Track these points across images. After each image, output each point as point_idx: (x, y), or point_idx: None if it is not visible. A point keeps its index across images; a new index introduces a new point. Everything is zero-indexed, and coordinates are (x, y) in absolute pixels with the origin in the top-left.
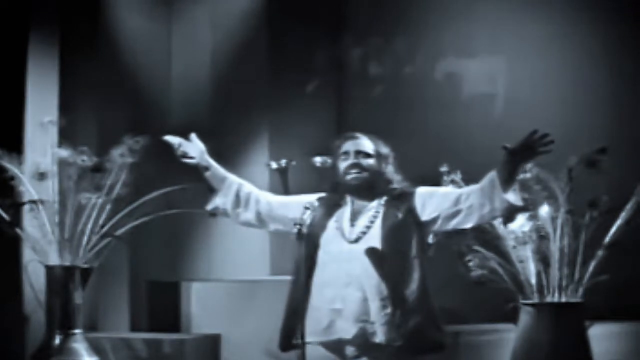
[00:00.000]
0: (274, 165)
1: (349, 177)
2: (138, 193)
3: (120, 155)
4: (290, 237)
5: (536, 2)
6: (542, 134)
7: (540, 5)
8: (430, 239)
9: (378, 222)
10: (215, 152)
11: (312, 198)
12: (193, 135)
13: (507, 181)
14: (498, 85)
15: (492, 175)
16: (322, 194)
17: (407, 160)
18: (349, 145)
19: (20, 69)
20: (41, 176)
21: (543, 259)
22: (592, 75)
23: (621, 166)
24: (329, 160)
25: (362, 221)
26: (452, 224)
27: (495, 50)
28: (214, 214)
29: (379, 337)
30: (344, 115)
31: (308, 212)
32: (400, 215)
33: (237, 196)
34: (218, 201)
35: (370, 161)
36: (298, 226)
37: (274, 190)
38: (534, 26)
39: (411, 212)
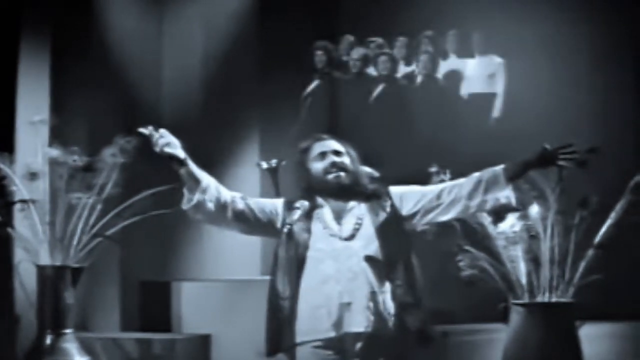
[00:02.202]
0: (264, 165)
1: (330, 176)
2: (129, 193)
3: (112, 155)
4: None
5: (535, 3)
6: (572, 149)
7: (539, 5)
8: None
9: (367, 219)
10: (207, 152)
11: (280, 201)
12: (163, 131)
13: (513, 179)
14: (496, 85)
15: (497, 170)
16: (286, 198)
17: (404, 160)
18: (321, 147)
19: (11, 68)
20: (32, 176)
21: (533, 259)
22: (583, 75)
23: (611, 166)
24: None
25: (350, 219)
26: (429, 218)
27: (494, 51)
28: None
29: (388, 330)
30: (336, 115)
31: (298, 212)
32: (386, 211)
33: (217, 193)
34: (199, 197)
35: (347, 160)
36: (288, 226)
37: (265, 189)
38: (533, 26)
39: (393, 208)
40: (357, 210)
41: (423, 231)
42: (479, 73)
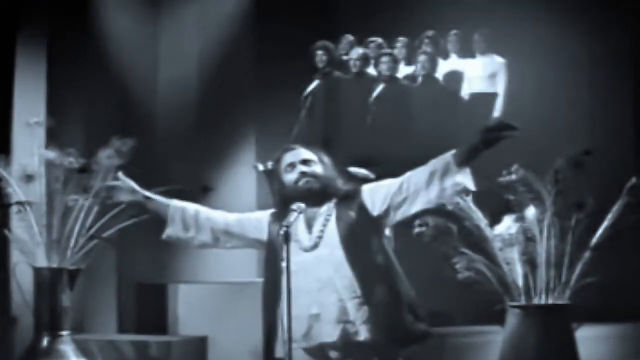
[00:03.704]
0: (260, 167)
1: (300, 183)
2: None
3: (108, 157)
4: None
5: (536, 3)
6: (510, 126)
7: (540, 6)
8: (388, 232)
9: (331, 224)
10: (203, 154)
11: (265, 215)
12: (120, 175)
13: (464, 163)
14: (497, 85)
15: (447, 157)
16: (274, 210)
17: (404, 160)
18: (291, 157)
19: (8, 70)
20: (29, 178)
21: (530, 261)
22: (583, 76)
23: (608, 168)
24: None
25: (317, 227)
26: (401, 212)
27: (495, 50)
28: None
29: (362, 336)
30: (336, 115)
31: (295, 214)
32: (353, 214)
33: (183, 221)
34: (169, 231)
35: (316, 167)
36: (285, 228)
37: (261, 191)
38: (534, 27)
39: (362, 209)
40: (325, 216)
41: (420, 233)
42: (480, 73)
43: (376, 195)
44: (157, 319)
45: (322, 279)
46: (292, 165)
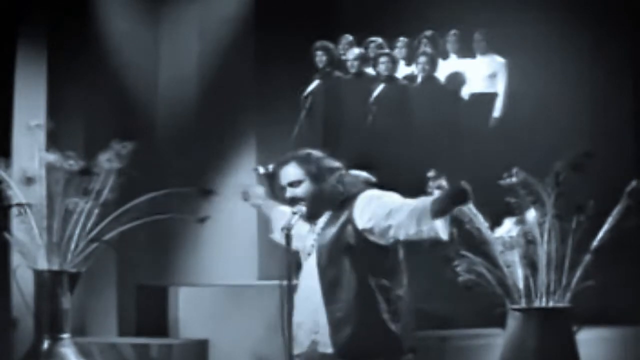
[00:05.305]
0: (261, 170)
1: (294, 210)
2: (125, 198)
3: (108, 160)
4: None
5: (536, 3)
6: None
7: (540, 5)
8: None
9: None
10: (203, 157)
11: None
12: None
13: (438, 214)
14: (497, 85)
15: (426, 202)
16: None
17: (404, 161)
18: (280, 179)
19: (8, 72)
20: (29, 181)
21: (530, 264)
22: (584, 77)
23: (608, 170)
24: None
25: (315, 235)
26: (388, 237)
27: (496, 50)
28: (202, 219)
29: (329, 349)
30: (335, 116)
31: (296, 216)
32: (338, 224)
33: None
34: (273, 235)
35: (304, 187)
36: (285, 230)
37: None
38: (534, 26)
39: (350, 219)
40: (321, 225)
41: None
42: (480, 73)
43: (367, 207)
44: (157, 321)
45: (309, 288)
46: (283, 189)
